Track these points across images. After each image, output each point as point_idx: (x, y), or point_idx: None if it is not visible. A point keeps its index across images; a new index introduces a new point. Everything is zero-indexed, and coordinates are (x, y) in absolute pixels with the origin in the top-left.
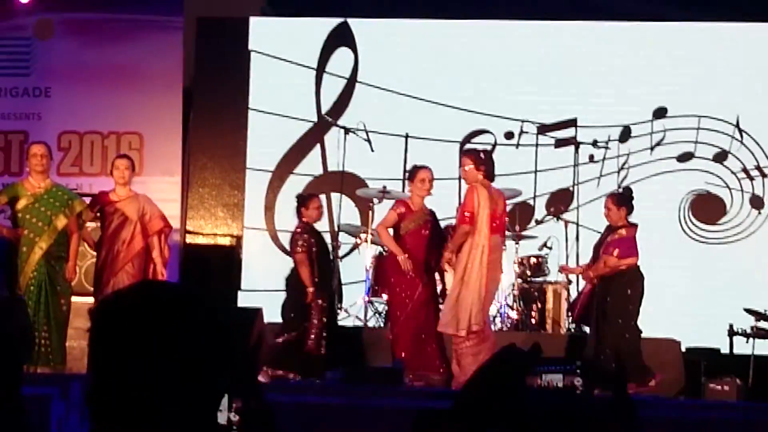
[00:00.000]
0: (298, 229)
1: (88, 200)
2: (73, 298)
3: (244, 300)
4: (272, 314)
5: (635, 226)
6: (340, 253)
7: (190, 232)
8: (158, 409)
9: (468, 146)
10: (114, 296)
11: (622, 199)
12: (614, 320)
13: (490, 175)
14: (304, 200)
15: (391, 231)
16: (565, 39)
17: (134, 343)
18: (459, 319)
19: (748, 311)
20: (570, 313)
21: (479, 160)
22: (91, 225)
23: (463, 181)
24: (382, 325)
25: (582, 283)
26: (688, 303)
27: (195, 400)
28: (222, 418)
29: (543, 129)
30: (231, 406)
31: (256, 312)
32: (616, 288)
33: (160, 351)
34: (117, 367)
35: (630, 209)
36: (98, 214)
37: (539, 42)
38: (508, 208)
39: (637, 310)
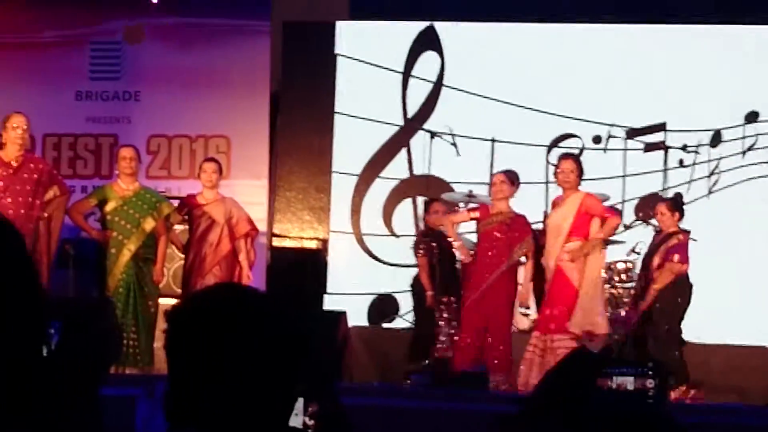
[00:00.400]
0: (420, 234)
1: (176, 203)
2: (161, 300)
3: (329, 303)
4: (357, 317)
5: (688, 232)
6: None
7: (276, 236)
8: (231, 411)
9: (562, 151)
10: (190, 298)
11: (676, 204)
12: (661, 326)
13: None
14: (426, 205)
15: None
16: (655, 42)
17: (208, 345)
18: (586, 319)
19: None
20: (622, 327)
21: (581, 167)
22: (179, 228)
23: (556, 184)
24: None
25: None
26: None
27: (269, 404)
28: (297, 421)
29: (632, 133)
30: (306, 409)
31: (340, 315)
32: (665, 295)
33: (234, 354)
34: (191, 368)
35: (682, 214)
36: (186, 217)
37: (628, 45)
38: None
39: (682, 317)
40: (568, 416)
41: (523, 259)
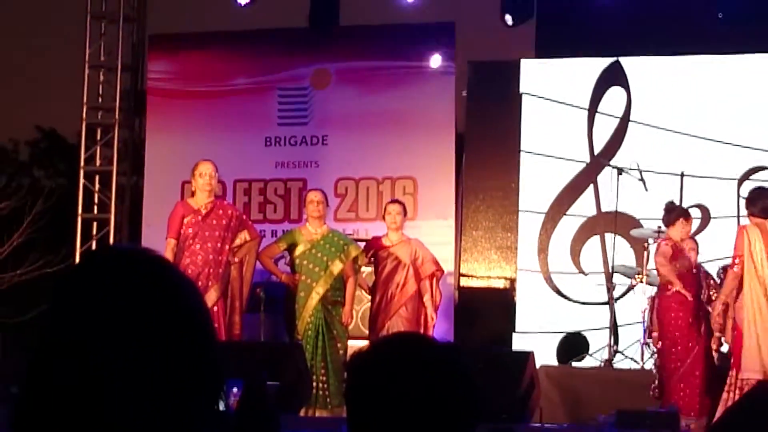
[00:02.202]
0: None
1: (362, 245)
2: (350, 342)
3: (518, 342)
4: (545, 356)
5: None
6: (615, 294)
7: (464, 275)
8: None
9: (753, 184)
10: (371, 347)
11: None
12: None
13: (764, 212)
14: None
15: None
16: None
17: (384, 396)
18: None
19: None
20: None
21: (749, 200)
22: (365, 270)
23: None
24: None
25: None
26: None
27: None
28: None
29: None
30: None
31: (527, 356)
32: None
33: (411, 405)
34: (370, 417)
35: None
36: (372, 260)
37: None
38: None
39: None
40: None
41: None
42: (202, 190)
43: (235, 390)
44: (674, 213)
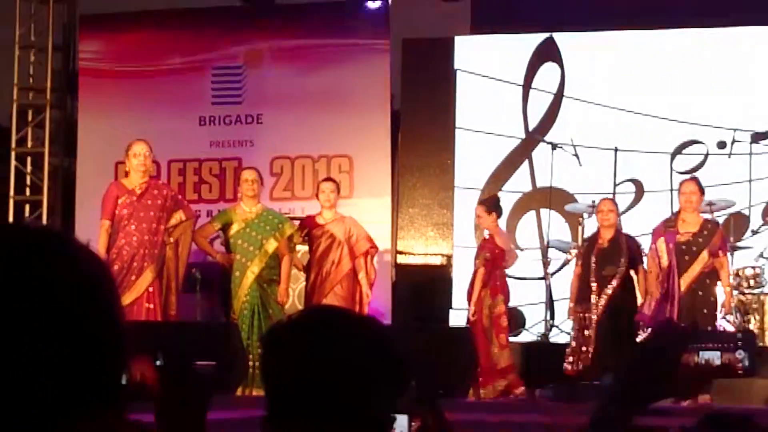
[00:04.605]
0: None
1: (297, 223)
2: None
3: (455, 318)
4: None
5: None
6: (551, 269)
7: (401, 253)
8: None
9: (686, 158)
10: (282, 323)
11: None
12: None
13: None
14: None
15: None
16: None
17: (299, 369)
18: None
19: None
20: None
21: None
22: (301, 249)
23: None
24: None
25: None
26: None
27: (369, 425)
28: None
29: (757, 137)
30: (410, 425)
31: (466, 331)
32: None
33: (327, 377)
34: (284, 393)
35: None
36: (306, 238)
37: (751, 48)
38: (722, 219)
39: None
40: (654, 391)
41: None
42: (137, 171)
43: (158, 363)
44: None
